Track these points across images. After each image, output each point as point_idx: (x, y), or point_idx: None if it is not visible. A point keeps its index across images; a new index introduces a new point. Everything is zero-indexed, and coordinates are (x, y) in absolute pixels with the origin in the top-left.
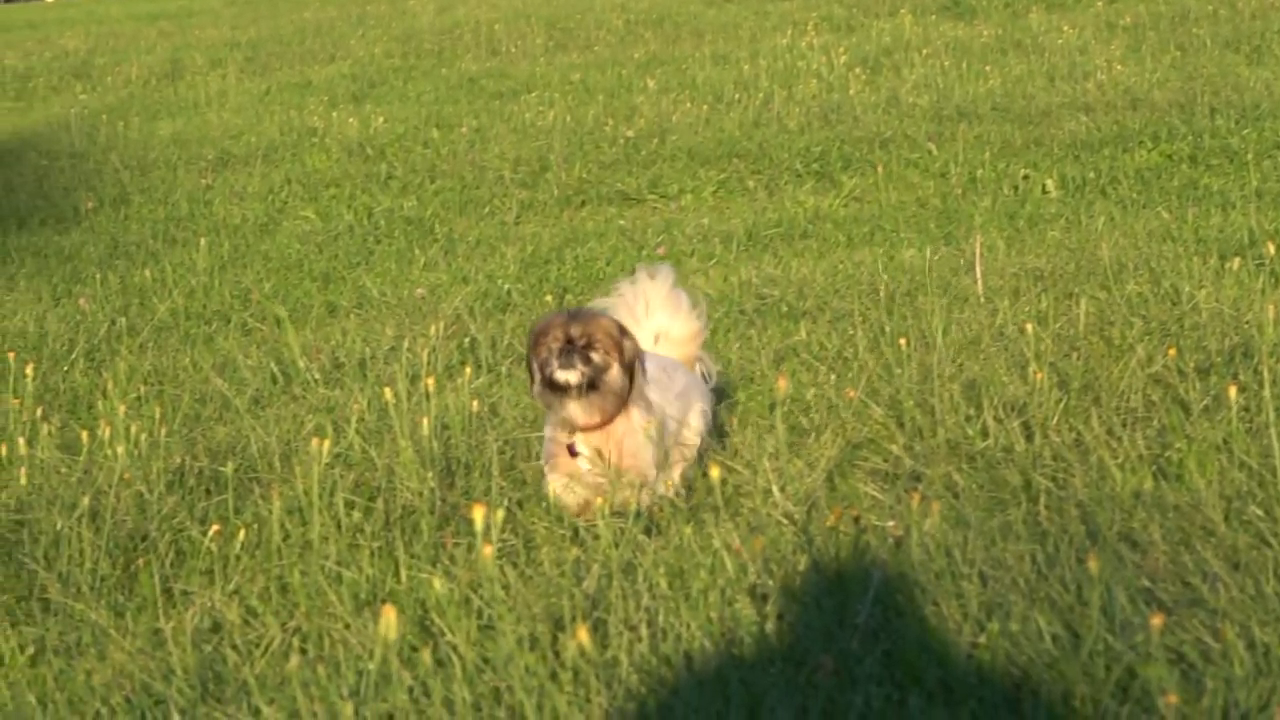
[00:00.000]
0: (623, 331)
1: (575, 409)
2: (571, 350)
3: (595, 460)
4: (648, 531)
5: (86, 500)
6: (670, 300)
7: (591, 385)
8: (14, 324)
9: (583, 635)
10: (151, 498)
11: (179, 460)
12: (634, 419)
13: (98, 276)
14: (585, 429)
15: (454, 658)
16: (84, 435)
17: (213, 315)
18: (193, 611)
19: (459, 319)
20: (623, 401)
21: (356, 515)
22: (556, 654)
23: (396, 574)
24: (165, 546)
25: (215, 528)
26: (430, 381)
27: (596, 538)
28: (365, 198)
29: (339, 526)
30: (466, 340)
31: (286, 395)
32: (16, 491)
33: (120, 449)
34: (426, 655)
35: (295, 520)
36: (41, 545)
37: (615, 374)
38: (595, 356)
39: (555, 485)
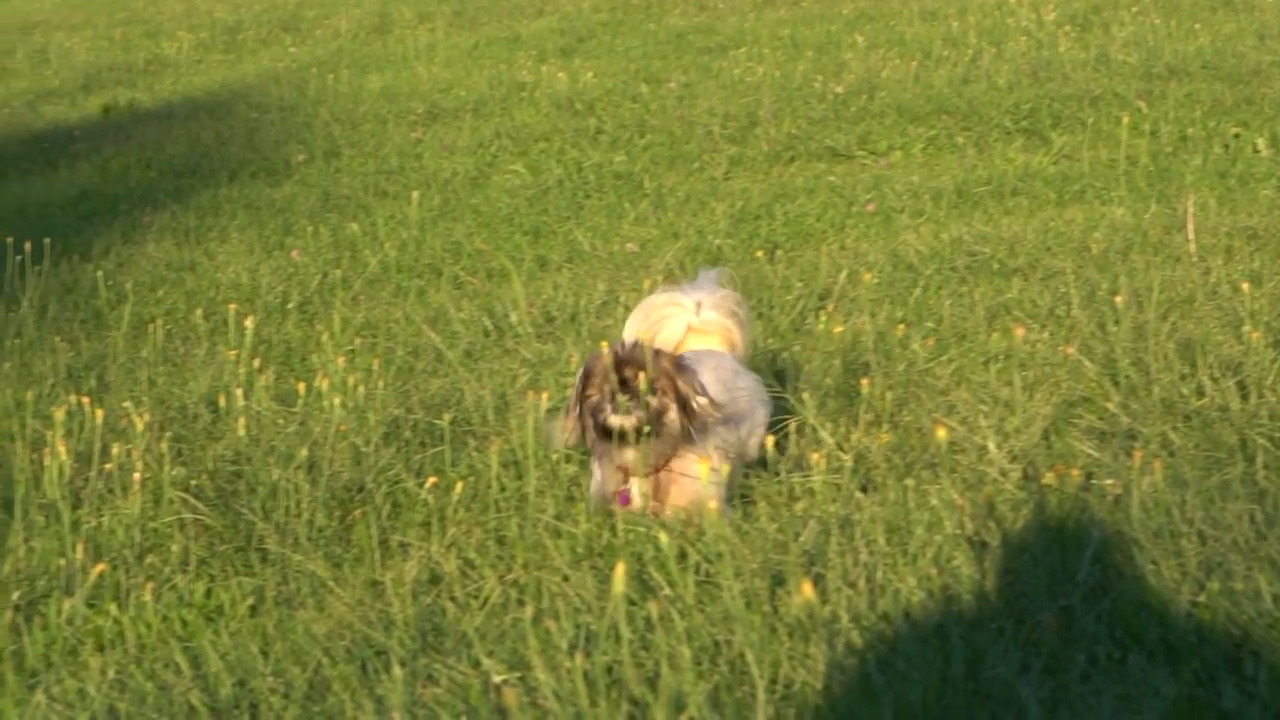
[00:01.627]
0: (679, 368)
1: (632, 456)
2: (625, 393)
3: (649, 506)
4: (864, 488)
5: (304, 452)
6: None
7: (649, 430)
8: (227, 276)
9: (807, 590)
10: (367, 450)
11: (394, 413)
12: (689, 459)
13: (309, 229)
14: (637, 475)
15: (674, 612)
16: (300, 387)
17: (424, 268)
18: (411, 563)
19: (669, 274)
20: (680, 443)
21: (572, 469)
22: (775, 609)
23: (612, 528)
24: (381, 498)
25: (432, 480)
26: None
27: (814, 494)
28: (574, 152)
29: (555, 480)
30: None
31: (499, 349)
32: (234, 443)
33: (337, 401)
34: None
35: (511, 474)
36: (259, 496)
37: (674, 416)
38: (653, 400)
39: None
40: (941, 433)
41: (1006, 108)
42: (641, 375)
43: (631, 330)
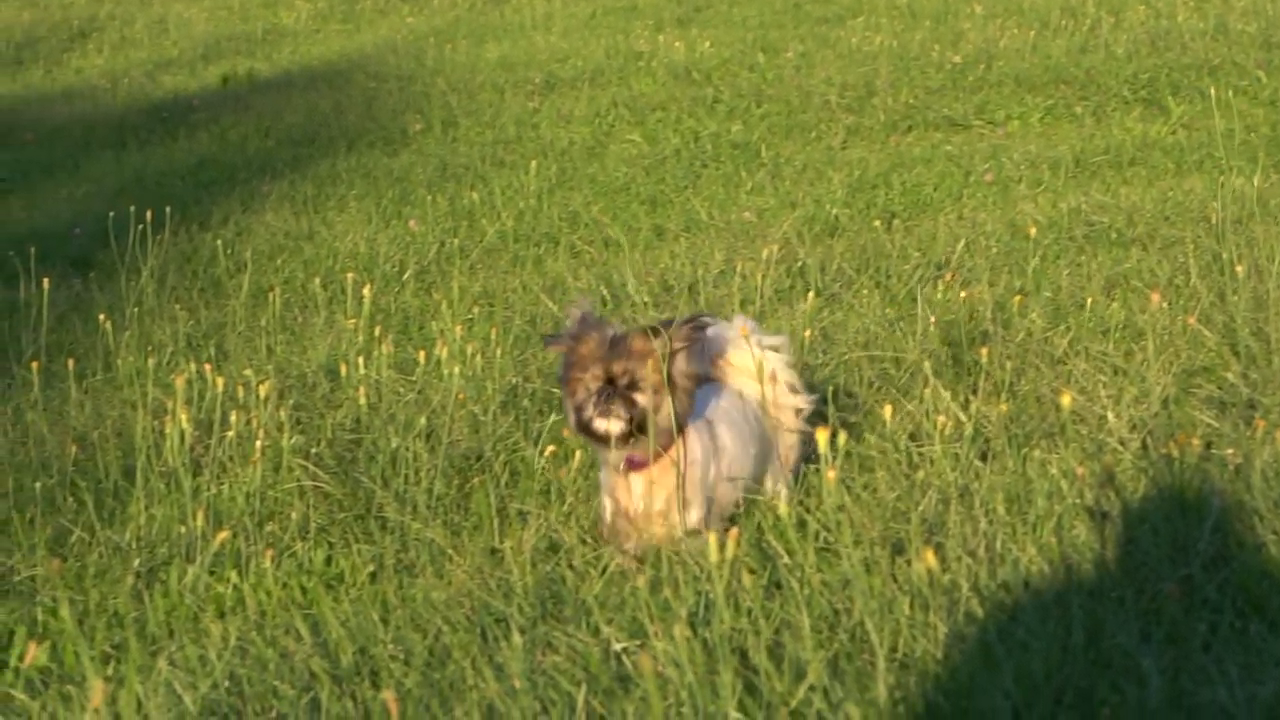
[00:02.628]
0: (674, 354)
1: (616, 456)
2: (612, 393)
3: (648, 492)
4: (983, 457)
5: (423, 420)
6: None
7: (638, 430)
8: (345, 245)
9: (930, 558)
10: (486, 418)
11: (512, 381)
12: (693, 438)
13: (427, 198)
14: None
15: (792, 580)
16: (420, 356)
17: (541, 237)
18: (530, 531)
19: (787, 243)
20: (678, 430)
21: None
22: (894, 578)
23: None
24: (500, 467)
25: (550, 449)
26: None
27: (932, 463)
28: (691, 121)
29: None
30: (796, 265)
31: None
32: (354, 411)
33: (456, 369)
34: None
35: None
36: (378, 464)
37: (665, 413)
38: (641, 399)
39: (609, 523)
40: (1066, 399)
41: (1125, 77)
42: (631, 371)
43: None
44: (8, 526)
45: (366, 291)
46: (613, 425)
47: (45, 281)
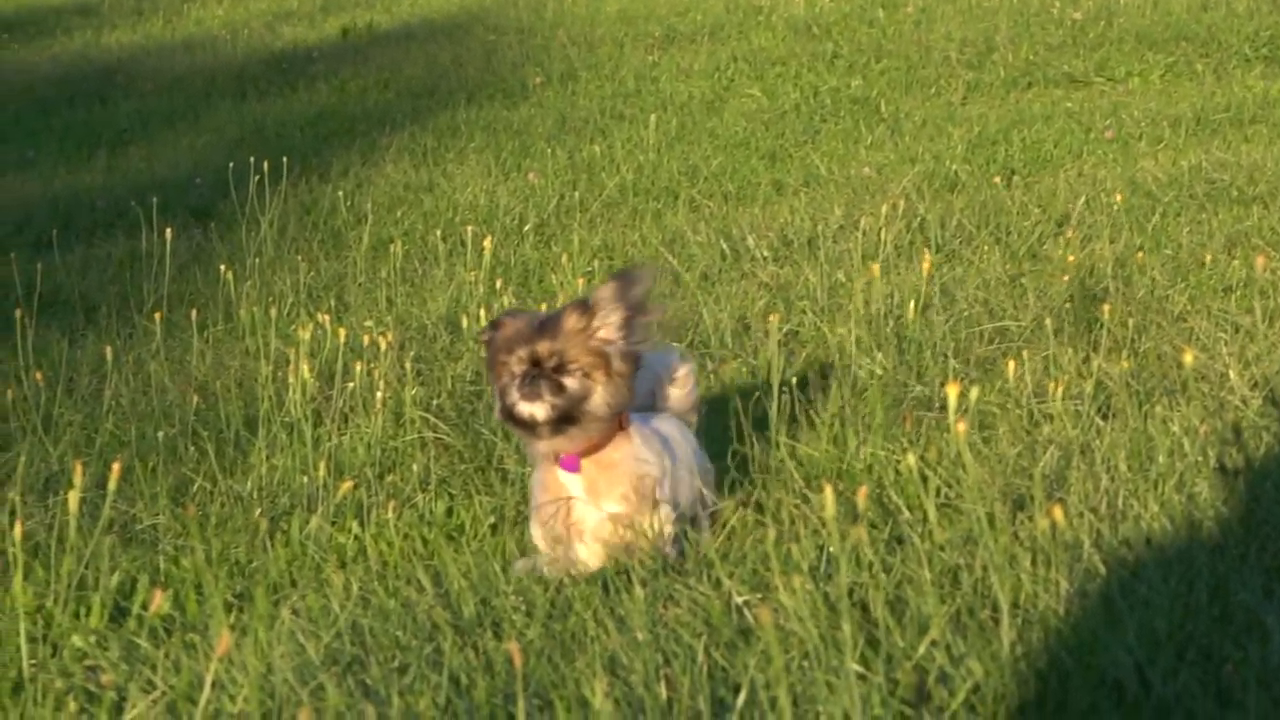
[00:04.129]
0: (606, 338)
1: (547, 446)
2: (538, 376)
3: (590, 493)
4: (1104, 414)
5: None
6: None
7: (567, 418)
8: (465, 197)
9: (1057, 514)
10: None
11: None
12: (635, 441)
13: (546, 151)
14: (569, 455)
15: (914, 535)
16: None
17: (661, 191)
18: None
19: (907, 199)
20: (614, 423)
21: (809, 393)
22: (1016, 534)
23: (846, 450)
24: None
25: None
26: (880, 262)
27: (1053, 419)
28: (811, 76)
29: (793, 402)
30: (916, 221)
31: (736, 272)
32: (474, 363)
33: None
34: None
35: (750, 397)
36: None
37: (599, 399)
38: (570, 382)
39: (536, 536)
40: (1188, 357)
41: (1246, 34)
42: (559, 353)
43: None
44: (130, 475)
45: (487, 244)
46: (538, 410)
47: (168, 231)
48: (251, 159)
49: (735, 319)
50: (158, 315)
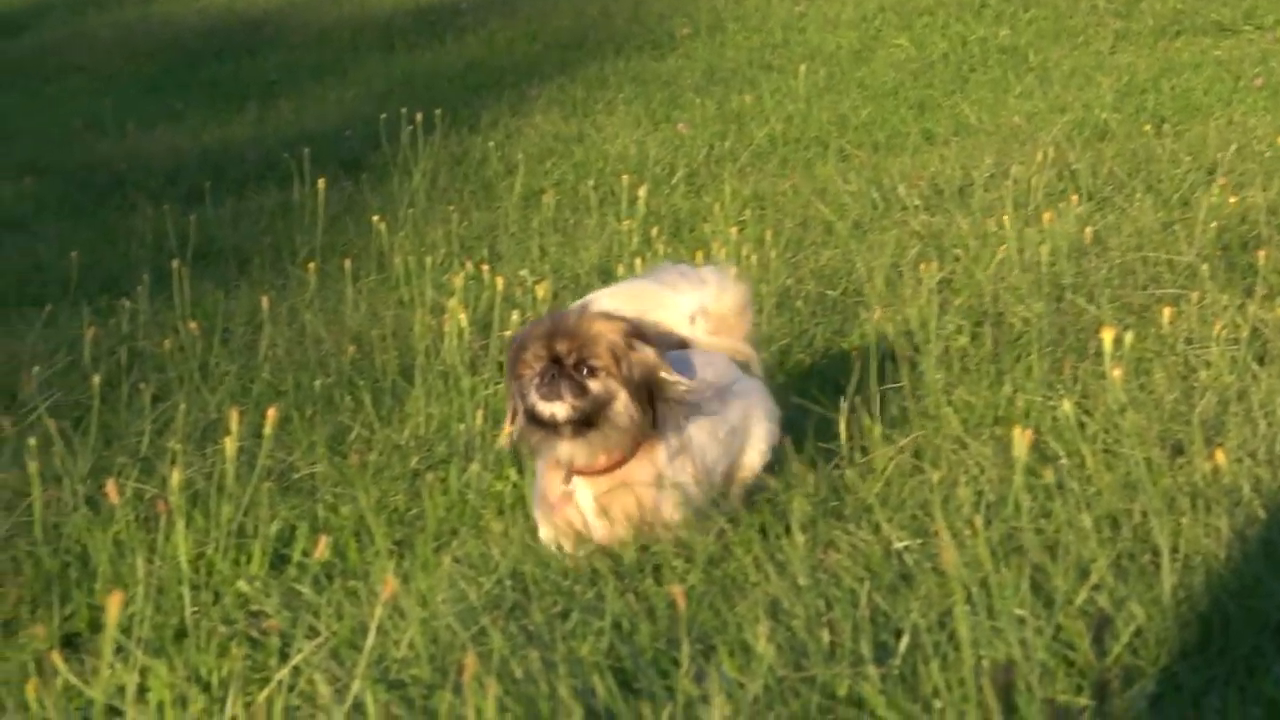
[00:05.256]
0: (633, 339)
1: (568, 451)
2: (558, 375)
3: (601, 515)
4: (1260, 360)
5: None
6: (706, 273)
7: (588, 421)
8: (615, 148)
9: (1220, 457)
10: (759, 319)
11: (786, 283)
12: (659, 460)
13: (695, 102)
14: (586, 474)
15: (1073, 481)
16: (697, 256)
17: (810, 141)
18: (810, 429)
19: (1057, 147)
20: (637, 437)
21: (963, 340)
22: (1174, 479)
23: (1003, 397)
24: (775, 367)
25: (828, 349)
26: (1032, 210)
27: (1209, 365)
28: (959, 26)
29: (946, 350)
30: (1066, 169)
31: (888, 220)
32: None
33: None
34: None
35: (904, 344)
36: None
37: (622, 404)
38: (593, 383)
39: (546, 538)
40: None
41: None
42: (578, 350)
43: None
44: (287, 424)
45: (642, 192)
46: (558, 410)
47: (320, 182)
48: (403, 110)
49: (887, 267)
50: (311, 265)
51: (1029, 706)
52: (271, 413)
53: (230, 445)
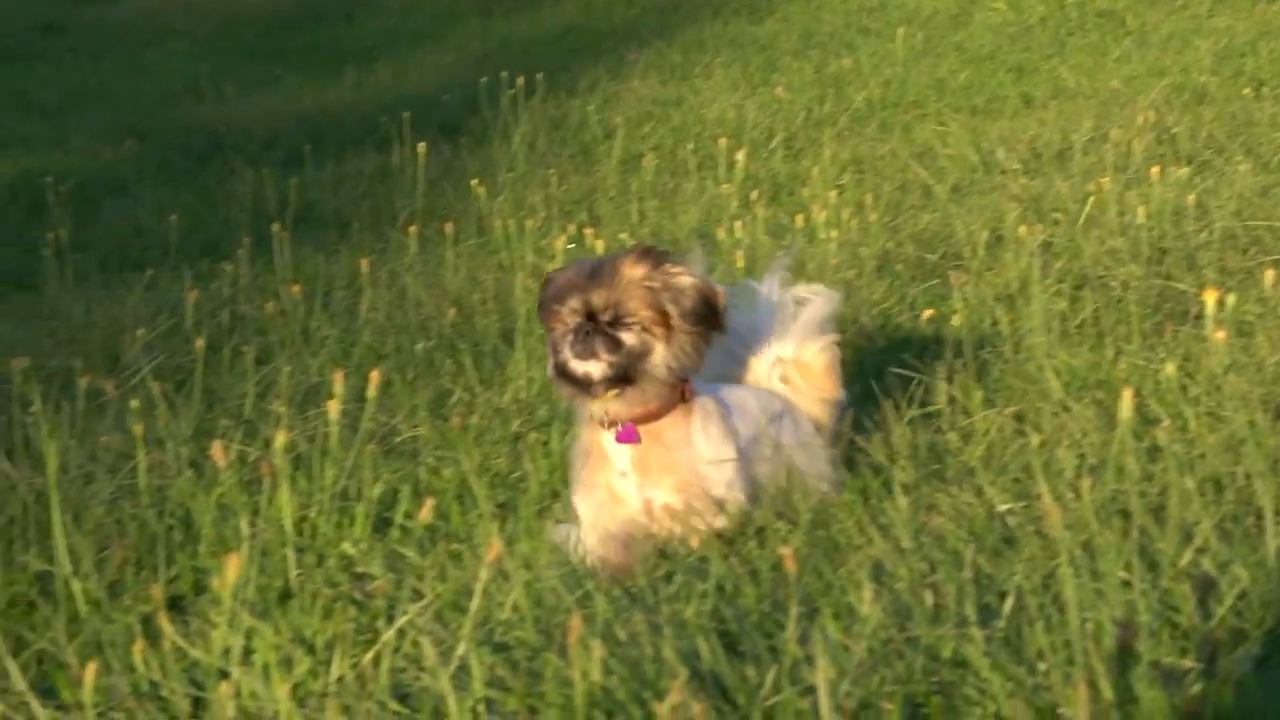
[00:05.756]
0: (666, 270)
1: (599, 409)
2: (592, 331)
3: (639, 470)
4: None
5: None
6: (804, 314)
7: (624, 377)
8: (713, 112)
9: None
10: (860, 283)
11: (885, 247)
12: (697, 414)
13: (793, 65)
14: (623, 424)
15: (1175, 443)
16: (798, 219)
17: (908, 105)
18: (907, 394)
19: (1156, 111)
20: (677, 389)
21: (1063, 304)
22: (1277, 441)
23: (1105, 360)
24: (875, 331)
25: (928, 312)
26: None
27: None
28: None
29: (1046, 314)
30: (1165, 133)
31: (987, 184)
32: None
33: (833, 234)
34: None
35: (1004, 307)
36: None
37: (660, 357)
38: (628, 337)
39: (585, 516)
40: None
41: None
42: (614, 305)
43: None
44: (389, 388)
45: (740, 156)
46: (593, 368)
47: (420, 146)
48: (503, 74)
49: (987, 231)
50: (412, 229)
51: (1136, 669)
52: (374, 375)
53: (334, 408)
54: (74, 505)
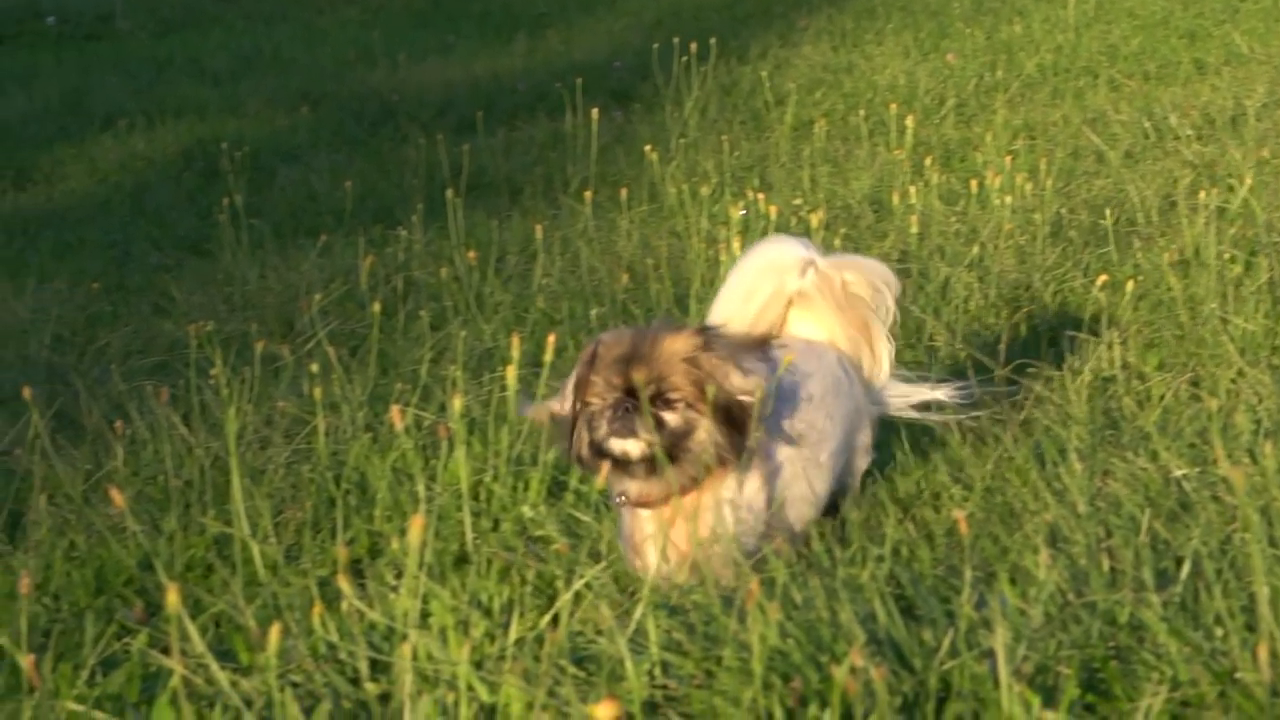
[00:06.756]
0: (713, 356)
1: (638, 488)
2: (632, 409)
3: (658, 536)
4: None
5: (975, 250)
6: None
7: (668, 455)
8: (884, 78)
9: None
10: (1033, 249)
11: (1059, 212)
12: (727, 488)
13: (964, 31)
14: (644, 504)
15: None
16: (973, 184)
17: (1080, 71)
18: (1086, 360)
19: None
20: (715, 464)
21: (1238, 269)
22: None
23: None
24: (1049, 297)
25: (1102, 278)
26: None
27: None
28: None
29: (1221, 278)
30: None
31: (1159, 150)
32: (901, 240)
33: (1009, 199)
34: None
35: (1179, 273)
36: (926, 294)
37: (704, 434)
38: (670, 416)
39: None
40: None
41: None
42: (655, 380)
43: (725, 305)
44: (563, 353)
45: (910, 122)
46: (631, 447)
47: (594, 113)
48: (675, 40)
49: (1160, 197)
50: (586, 195)
51: None
52: (551, 339)
53: (511, 373)
54: (251, 469)
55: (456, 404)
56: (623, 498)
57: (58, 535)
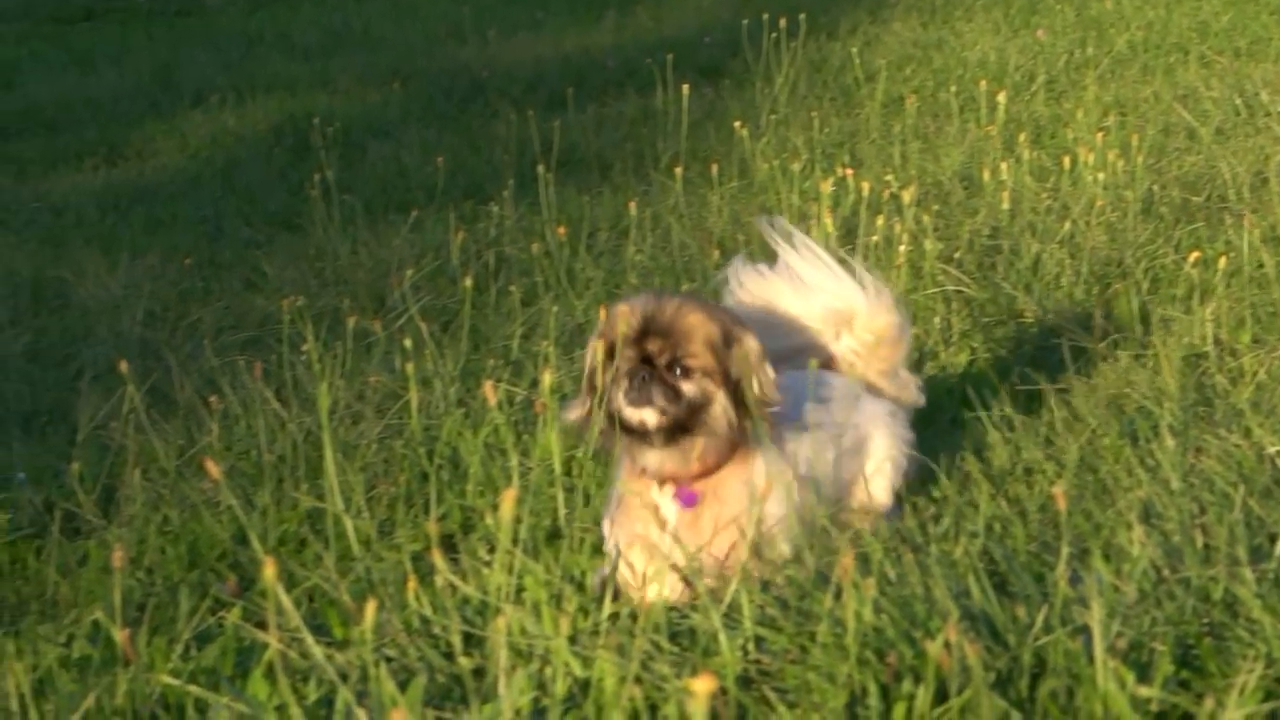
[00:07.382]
0: (730, 332)
1: (657, 460)
2: (649, 378)
3: (691, 527)
4: None
5: (1066, 226)
6: (856, 277)
7: (681, 427)
8: (974, 54)
9: None
10: (1124, 225)
11: (1151, 189)
12: (757, 472)
13: (1055, 8)
14: (675, 480)
15: None
16: (1065, 161)
17: (1171, 47)
18: (1176, 337)
19: None
20: (734, 443)
21: None
22: None
23: None
24: (1141, 273)
25: (1194, 254)
26: None
27: None
28: None
29: None
30: None
31: (1251, 127)
32: (991, 217)
33: (1100, 176)
34: None
35: (1271, 249)
36: (1018, 270)
37: (720, 407)
38: (687, 386)
39: (624, 557)
40: None
41: None
42: (671, 349)
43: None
44: None
45: (1001, 98)
46: (648, 416)
47: (684, 88)
48: (765, 16)
49: (1252, 174)
50: (677, 170)
51: None
52: None
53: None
54: (343, 444)
55: (548, 379)
56: (661, 488)
57: (152, 510)
